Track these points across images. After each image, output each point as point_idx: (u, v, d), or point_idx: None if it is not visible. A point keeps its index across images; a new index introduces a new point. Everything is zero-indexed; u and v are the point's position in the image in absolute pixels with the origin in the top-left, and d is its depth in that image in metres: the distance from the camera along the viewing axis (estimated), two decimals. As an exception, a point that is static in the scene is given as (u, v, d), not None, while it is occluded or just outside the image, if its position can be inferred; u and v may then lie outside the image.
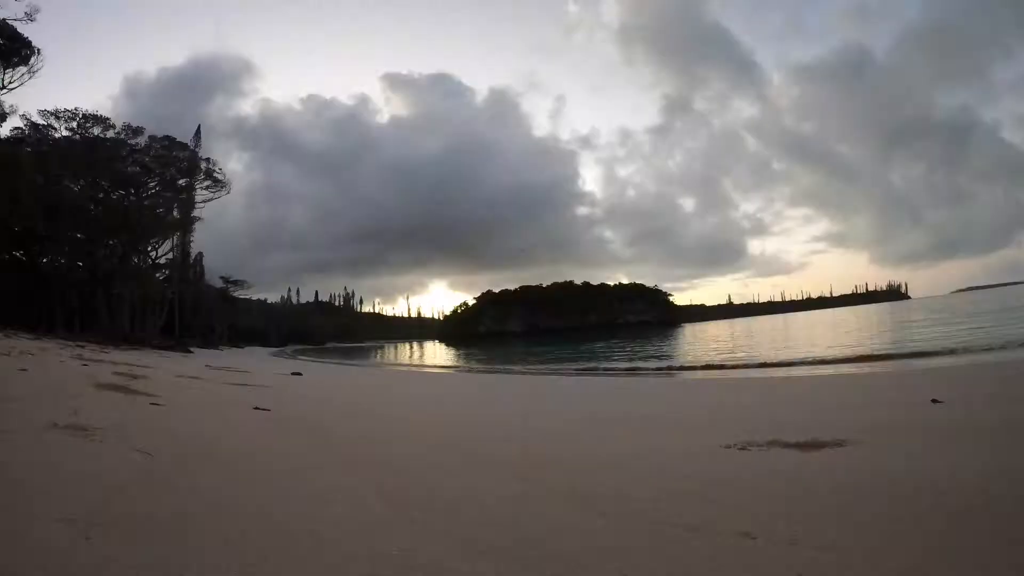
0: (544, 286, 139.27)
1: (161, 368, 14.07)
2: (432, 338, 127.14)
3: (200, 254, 55.08)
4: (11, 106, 26.98)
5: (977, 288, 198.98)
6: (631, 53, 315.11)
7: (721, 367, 18.03)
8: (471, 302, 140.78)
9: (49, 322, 32.06)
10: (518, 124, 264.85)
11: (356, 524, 2.67)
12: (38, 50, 25.97)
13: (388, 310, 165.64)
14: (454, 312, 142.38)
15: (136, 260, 38.13)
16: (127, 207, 34.99)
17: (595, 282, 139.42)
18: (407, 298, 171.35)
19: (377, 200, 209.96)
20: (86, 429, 4.02)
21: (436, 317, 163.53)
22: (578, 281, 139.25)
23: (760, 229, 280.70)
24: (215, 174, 40.21)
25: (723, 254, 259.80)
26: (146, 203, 35.91)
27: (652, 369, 19.96)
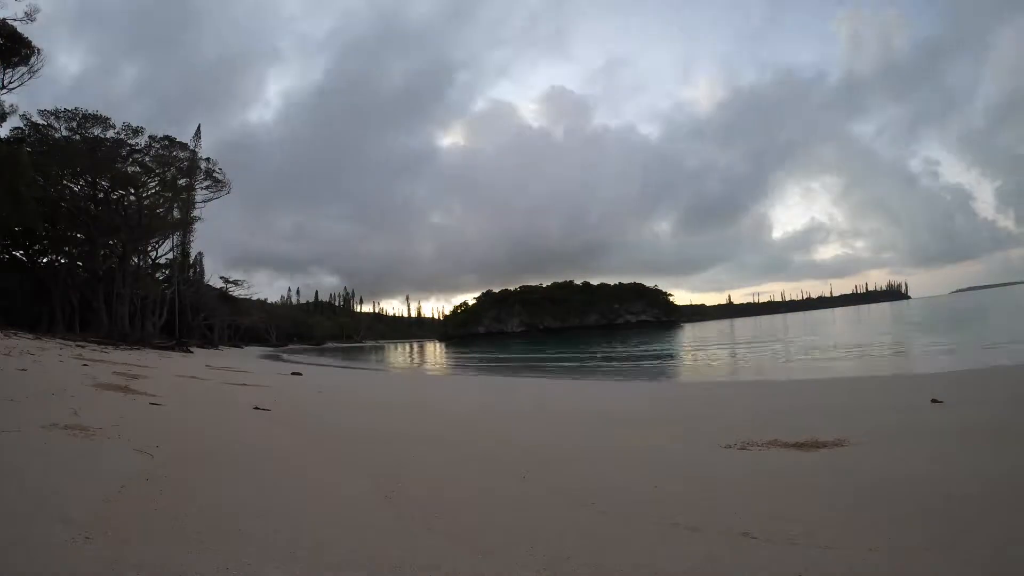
0: (544, 286, 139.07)
1: (161, 368, 14.07)
2: (432, 338, 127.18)
3: (200, 254, 55.15)
4: (11, 106, 26.95)
5: (976, 288, 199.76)
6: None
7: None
8: (471, 302, 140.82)
9: (49, 322, 32.07)
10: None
11: (356, 524, 2.67)
12: (38, 50, 25.92)
13: (389, 309, 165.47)
14: (454, 312, 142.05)
15: (136, 260, 38.11)
16: (127, 207, 34.99)
17: (595, 282, 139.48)
18: (407, 298, 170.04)
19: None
20: (86, 429, 4.02)
21: (436, 317, 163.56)
22: (578, 281, 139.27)
23: (803, 242, 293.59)
24: (215, 174, 40.17)
25: (776, 263, 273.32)
26: (146, 203, 35.87)
27: (652, 370, 19.96)
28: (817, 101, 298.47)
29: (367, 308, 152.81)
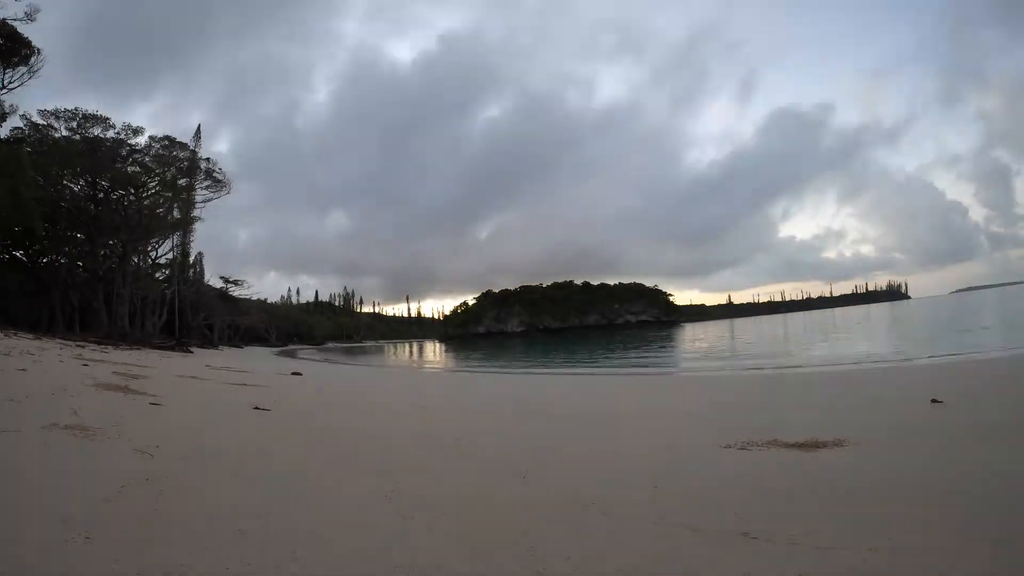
0: (544, 286, 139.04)
1: (161, 368, 14.07)
2: (432, 338, 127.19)
3: (200, 254, 55.05)
4: (11, 106, 26.94)
5: (976, 288, 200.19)
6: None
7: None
8: (471, 302, 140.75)
9: (49, 322, 32.06)
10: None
11: (356, 524, 2.67)
12: (38, 50, 25.91)
13: (388, 310, 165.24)
14: (454, 312, 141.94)
15: (136, 260, 38.08)
16: (127, 207, 34.97)
17: (595, 282, 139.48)
18: (407, 298, 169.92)
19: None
20: (86, 429, 4.02)
21: (436, 317, 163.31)
22: (578, 281, 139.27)
23: (807, 247, 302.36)
24: (215, 174, 40.16)
25: (780, 267, 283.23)
26: (146, 203, 35.86)
27: (651, 369, 19.96)
28: (828, 135, 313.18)
29: (367, 308, 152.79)
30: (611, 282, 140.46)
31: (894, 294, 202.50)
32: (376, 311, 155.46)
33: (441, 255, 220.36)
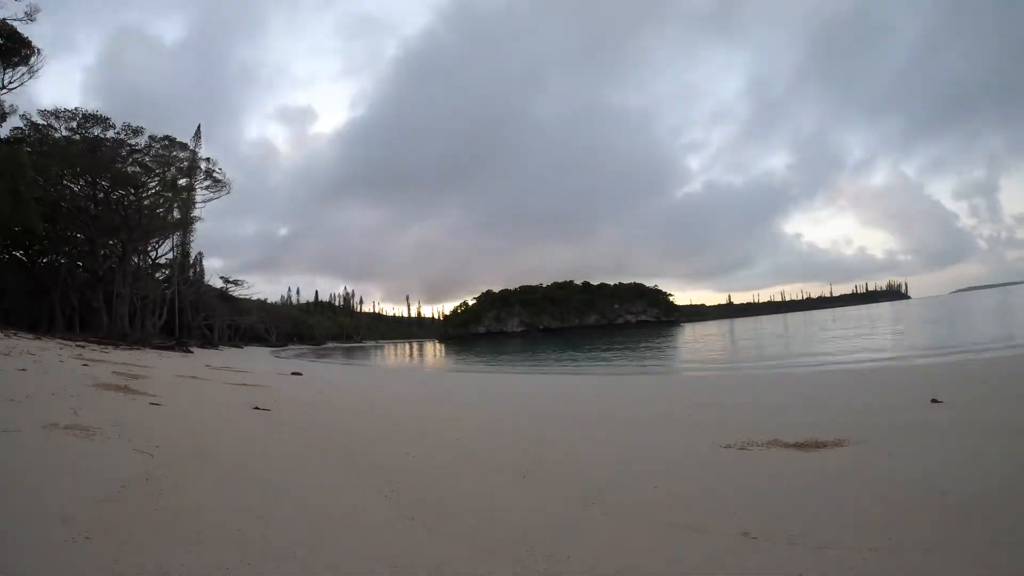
0: (544, 286, 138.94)
1: (161, 368, 14.07)
2: (432, 338, 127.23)
3: (200, 254, 55.12)
4: (11, 106, 26.98)
5: (976, 288, 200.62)
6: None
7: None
8: (471, 302, 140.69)
9: (49, 322, 32.09)
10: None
11: (356, 524, 2.67)
12: (38, 50, 25.94)
13: (388, 309, 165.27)
14: (454, 312, 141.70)
15: (136, 260, 38.14)
16: (127, 207, 34.99)
17: (595, 282, 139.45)
18: (407, 298, 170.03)
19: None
20: (86, 429, 4.02)
21: (436, 317, 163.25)
22: (578, 281, 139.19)
23: (811, 250, 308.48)
24: (215, 174, 40.31)
25: (783, 269, 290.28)
26: (146, 203, 35.89)
27: (651, 370, 19.95)
28: (840, 153, 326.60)
29: (367, 308, 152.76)
30: (611, 282, 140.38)
31: (894, 294, 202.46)
32: (376, 311, 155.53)
33: (471, 268, 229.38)
